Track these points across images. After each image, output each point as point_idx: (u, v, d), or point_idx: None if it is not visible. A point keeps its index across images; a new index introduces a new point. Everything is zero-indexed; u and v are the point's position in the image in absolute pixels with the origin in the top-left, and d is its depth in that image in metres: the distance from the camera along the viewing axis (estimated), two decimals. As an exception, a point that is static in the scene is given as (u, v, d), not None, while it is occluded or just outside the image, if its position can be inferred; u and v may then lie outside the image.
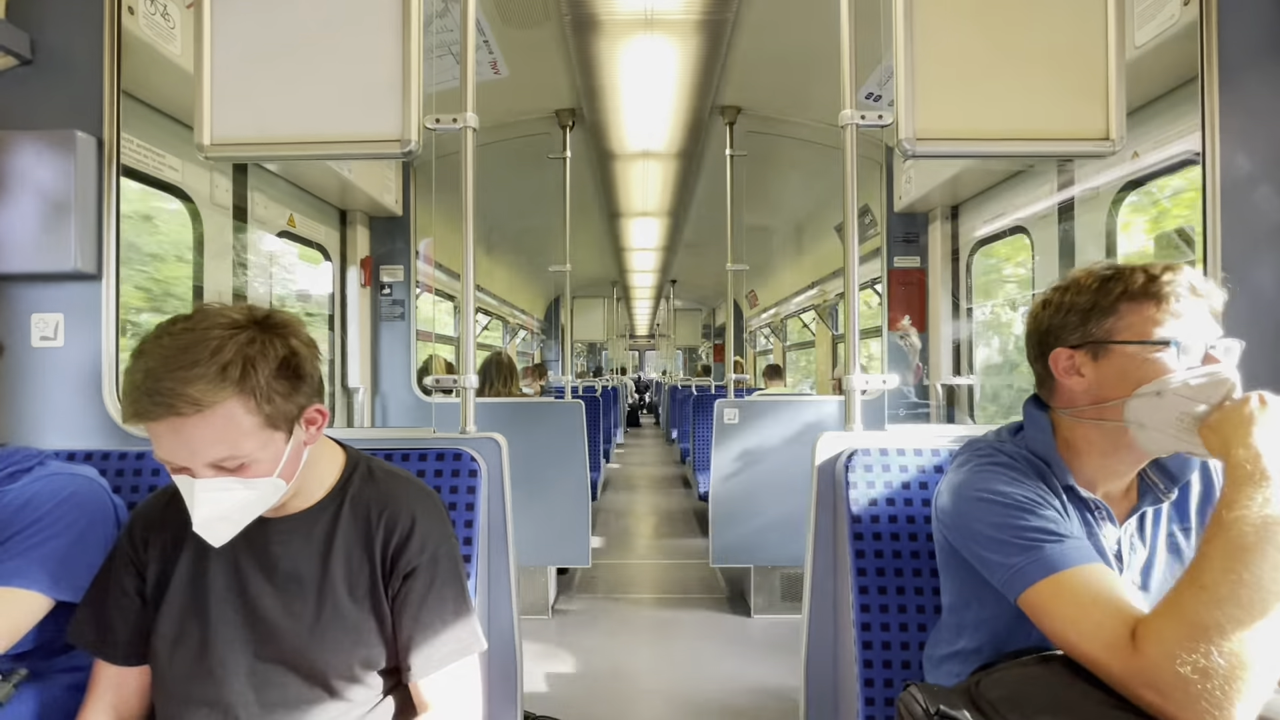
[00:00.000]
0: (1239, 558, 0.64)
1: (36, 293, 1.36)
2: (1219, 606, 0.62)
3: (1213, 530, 0.67)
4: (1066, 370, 0.85)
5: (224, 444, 0.76)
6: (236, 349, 0.76)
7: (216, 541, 0.81)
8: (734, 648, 2.57)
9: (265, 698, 0.83)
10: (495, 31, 2.42)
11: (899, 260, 3.02)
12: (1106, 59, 1.20)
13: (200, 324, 0.77)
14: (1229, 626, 0.61)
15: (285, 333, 0.81)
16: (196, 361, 0.73)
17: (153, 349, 0.75)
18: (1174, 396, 0.76)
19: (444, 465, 1.17)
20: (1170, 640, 0.62)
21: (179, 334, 0.76)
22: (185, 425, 0.74)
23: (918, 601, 1.08)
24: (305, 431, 0.84)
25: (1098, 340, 0.81)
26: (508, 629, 1.23)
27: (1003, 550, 0.78)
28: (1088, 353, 0.83)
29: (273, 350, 0.79)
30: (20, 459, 1.01)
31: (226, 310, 0.80)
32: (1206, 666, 0.60)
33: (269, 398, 0.77)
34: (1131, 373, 0.79)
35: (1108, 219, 2.13)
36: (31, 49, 1.36)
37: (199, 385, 0.73)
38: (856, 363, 1.25)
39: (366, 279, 2.99)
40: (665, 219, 5.07)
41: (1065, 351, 0.84)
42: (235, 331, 0.77)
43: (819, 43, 2.25)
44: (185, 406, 0.72)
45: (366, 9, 1.20)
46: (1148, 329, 0.79)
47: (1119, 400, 0.80)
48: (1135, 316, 0.80)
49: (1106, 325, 0.81)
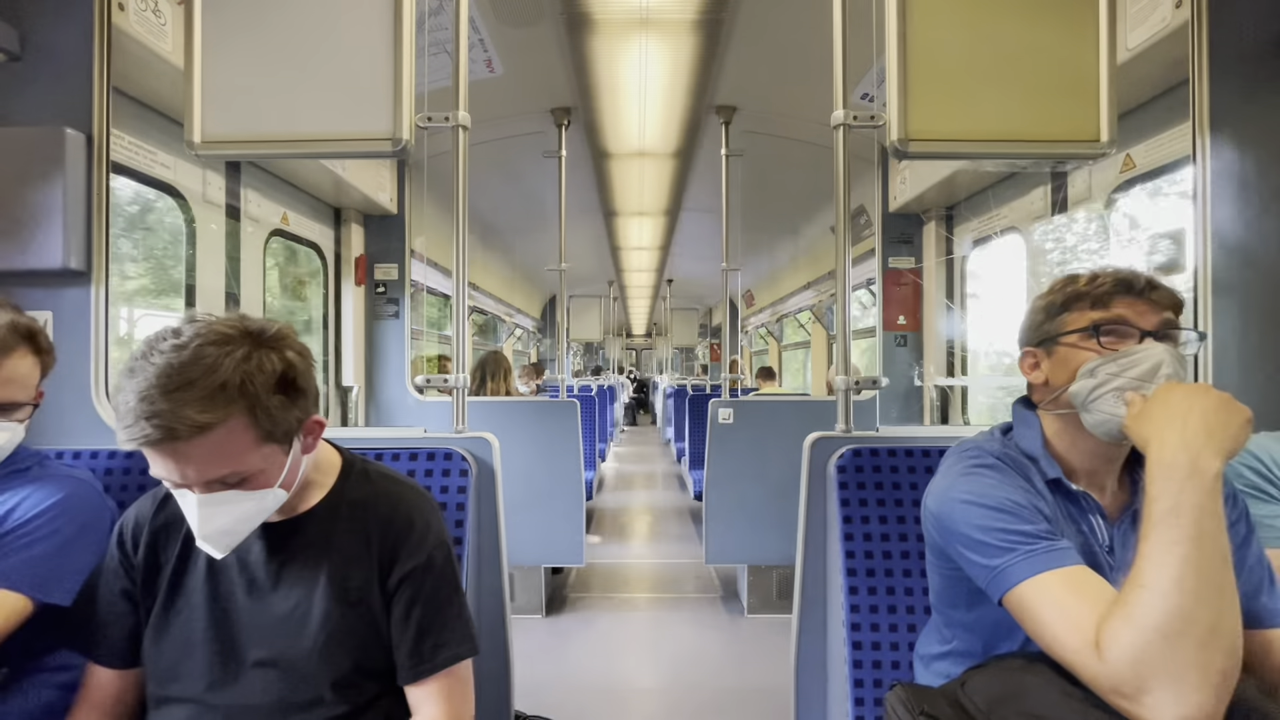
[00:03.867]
0: (1172, 551, 0.65)
1: (25, 291, 1.35)
2: (1163, 602, 0.62)
3: (1145, 527, 0.68)
4: (1029, 367, 0.92)
5: (225, 462, 0.75)
6: (233, 366, 0.74)
7: (219, 553, 0.80)
8: (728, 647, 2.58)
9: (259, 700, 0.83)
10: (490, 30, 2.41)
11: (894, 261, 3.03)
12: (1098, 61, 1.20)
13: (191, 340, 0.74)
14: (1177, 623, 0.61)
15: (280, 346, 0.80)
16: (192, 382, 0.71)
17: (143, 367, 0.72)
18: (1104, 375, 0.81)
19: (435, 465, 1.17)
20: (1126, 644, 0.63)
21: (170, 352, 0.73)
22: (185, 447, 0.72)
23: (907, 602, 1.08)
24: (304, 441, 0.84)
25: (1049, 337, 0.89)
26: (499, 630, 1.23)
27: (985, 552, 0.78)
28: (1044, 350, 0.90)
29: (269, 365, 0.77)
30: (18, 458, 1.00)
31: (217, 324, 0.77)
32: (1164, 667, 0.61)
33: (268, 413, 0.76)
34: (1071, 362, 0.86)
35: (1101, 220, 2.14)
36: (21, 45, 1.35)
37: (197, 407, 0.71)
38: (849, 363, 1.25)
39: (360, 277, 2.99)
40: (661, 218, 5.07)
41: (1029, 350, 0.92)
42: (229, 347, 0.75)
43: (814, 43, 2.25)
44: (184, 430, 0.71)
45: (358, 6, 1.19)
46: (1084, 319, 0.86)
47: (1065, 388, 0.86)
48: (1076, 314, 0.87)
49: (1055, 323, 0.88)
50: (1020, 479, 0.84)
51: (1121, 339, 0.83)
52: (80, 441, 1.31)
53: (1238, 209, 1.33)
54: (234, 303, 2.35)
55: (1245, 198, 1.33)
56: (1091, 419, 0.83)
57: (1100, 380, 0.81)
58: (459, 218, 1.28)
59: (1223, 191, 1.33)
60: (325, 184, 2.70)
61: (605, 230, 5.39)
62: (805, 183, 3.96)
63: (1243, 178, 1.33)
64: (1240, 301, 1.31)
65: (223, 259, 2.28)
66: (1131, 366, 0.80)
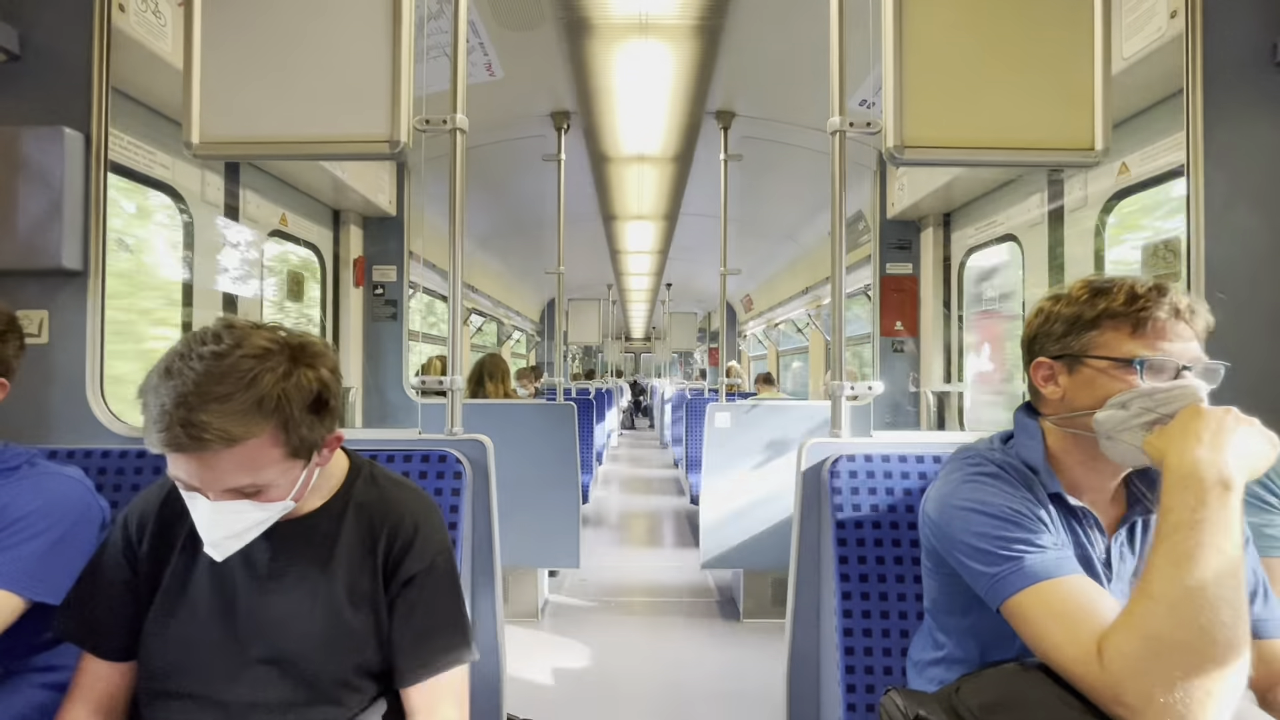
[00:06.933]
0: (1182, 564, 0.64)
1: (22, 289, 1.35)
2: (1170, 615, 0.62)
3: (1156, 540, 0.68)
4: (1044, 379, 0.88)
5: (248, 474, 0.76)
6: (273, 382, 0.74)
7: (222, 556, 0.81)
8: (723, 652, 2.57)
9: (256, 698, 0.83)
10: (490, 34, 2.42)
11: (891, 267, 3.04)
12: (1093, 70, 1.21)
13: (233, 349, 0.74)
14: (1183, 635, 0.61)
15: (317, 364, 0.80)
16: (231, 394, 0.71)
17: (181, 370, 0.72)
18: (1138, 409, 0.78)
19: (429, 466, 1.17)
20: (1131, 655, 0.63)
21: (210, 358, 0.73)
22: (212, 457, 0.73)
23: (900, 607, 1.08)
24: (322, 455, 0.84)
25: (1074, 354, 0.84)
26: (491, 633, 1.23)
27: (985, 560, 0.78)
28: (1064, 364, 0.85)
29: (306, 384, 0.77)
30: (8, 457, 1.00)
31: (257, 333, 0.77)
32: (1169, 679, 0.60)
33: (298, 431, 0.77)
34: (1100, 387, 0.82)
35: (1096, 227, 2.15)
36: (20, 45, 1.35)
37: (233, 419, 0.71)
38: (843, 369, 1.25)
39: (359, 279, 2.99)
40: (660, 222, 5.07)
41: (1045, 361, 0.87)
42: (270, 361, 0.75)
43: (812, 49, 2.26)
44: (217, 442, 0.71)
45: (357, 9, 1.20)
46: (1122, 347, 0.80)
47: (1088, 412, 0.82)
48: (1113, 334, 0.81)
49: (1085, 339, 0.83)
50: (1022, 488, 0.84)
51: (1158, 372, 0.79)
52: (75, 440, 1.31)
53: (1231, 218, 1.34)
54: (229, 304, 2.35)
55: (1238, 206, 1.33)
56: (1116, 449, 0.80)
57: (1133, 413, 0.78)
58: (455, 221, 1.29)
59: (1216, 200, 1.34)
60: (324, 186, 2.70)
61: (604, 234, 5.39)
62: (804, 188, 3.98)
63: (1236, 187, 1.33)
64: (1233, 310, 1.32)
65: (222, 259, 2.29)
66: (1168, 403, 0.76)
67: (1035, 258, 2.49)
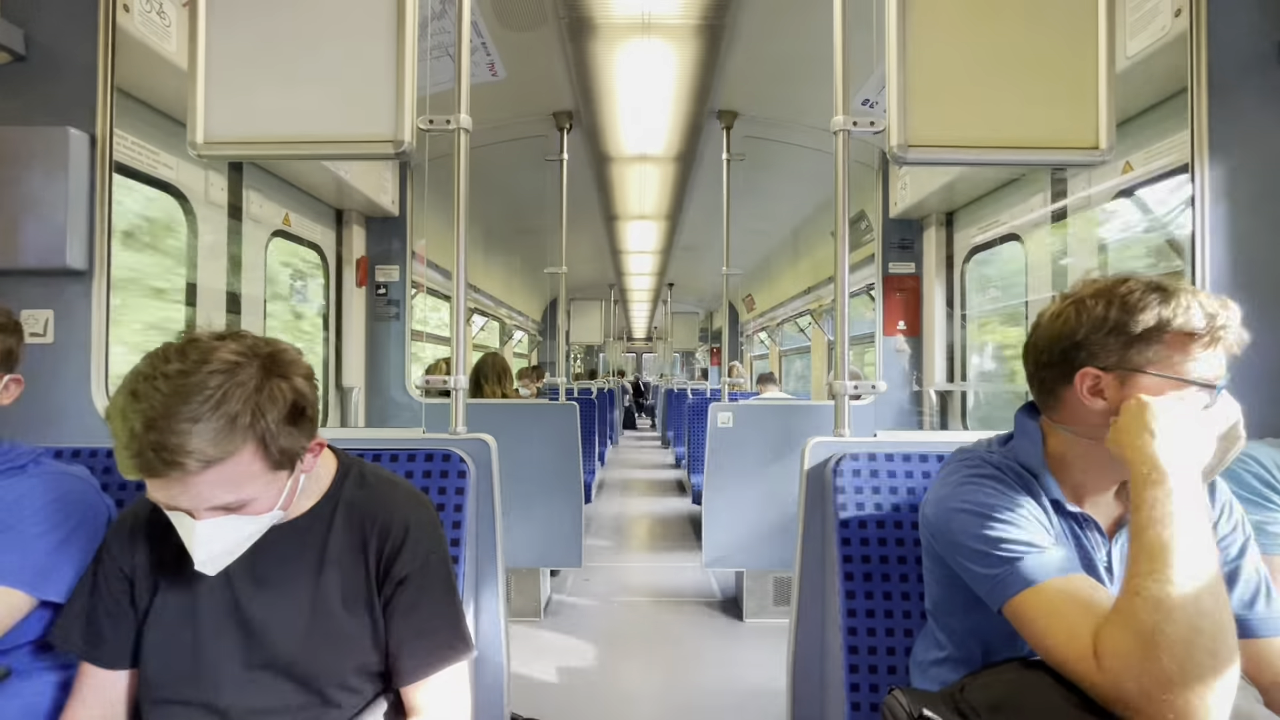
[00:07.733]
0: (1159, 557, 0.65)
1: (27, 289, 1.36)
2: (1156, 609, 0.63)
3: (1132, 535, 0.69)
4: (1091, 391, 0.80)
5: (230, 491, 0.74)
6: (244, 398, 0.72)
7: (214, 571, 0.80)
8: (726, 652, 2.57)
9: (255, 703, 0.83)
10: (493, 34, 2.42)
11: (894, 266, 3.03)
12: (1097, 69, 1.21)
13: (199, 365, 0.71)
14: (1170, 628, 0.62)
15: (290, 373, 0.78)
16: (200, 414, 0.69)
17: (148, 393, 0.69)
18: None
19: (433, 466, 1.17)
20: (1125, 653, 0.63)
21: (175, 376, 0.70)
22: (191, 479, 0.71)
23: (904, 606, 1.08)
24: (305, 461, 0.84)
25: (1135, 368, 0.77)
26: (495, 632, 1.23)
27: (985, 561, 0.78)
28: (1117, 377, 0.78)
29: (280, 395, 0.76)
30: (14, 456, 1.00)
31: (223, 346, 0.74)
32: (1164, 672, 0.61)
33: (277, 442, 0.75)
34: None
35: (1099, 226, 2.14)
36: (26, 45, 1.36)
37: (207, 440, 0.69)
38: (846, 368, 1.25)
39: (362, 279, 2.99)
40: (662, 222, 5.07)
41: (1093, 372, 0.79)
42: (239, 375, 0.73)
43: (815, 48, 2.26)
44: (193, 463, 0.69)
45: (361, 9, 1.20)
46: (1185, 365, 0.76)
47: None
48: (1179, 351, 0.76)
49: (1149, 354, 0.76)
50: (1021, 489, 0.83)
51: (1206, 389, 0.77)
52: (80, 439, 1.31)
53: (1235, 216, 1.33)
54: (233, 304, 2.36)
55: (1243, 205, 1.33)
56: None
57: None
58: (459, 221, 1.29)
59: (1220, 199, 1.33)
60: (327, 185, 2.70)
61: (606, 234, 5.40)
62: (806, 188, 3.97)
63: (1240, 185, 1.33)
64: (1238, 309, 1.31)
65: (224, 259, 2.29)
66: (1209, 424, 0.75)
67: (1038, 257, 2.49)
